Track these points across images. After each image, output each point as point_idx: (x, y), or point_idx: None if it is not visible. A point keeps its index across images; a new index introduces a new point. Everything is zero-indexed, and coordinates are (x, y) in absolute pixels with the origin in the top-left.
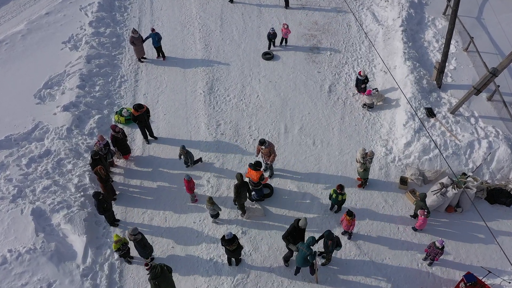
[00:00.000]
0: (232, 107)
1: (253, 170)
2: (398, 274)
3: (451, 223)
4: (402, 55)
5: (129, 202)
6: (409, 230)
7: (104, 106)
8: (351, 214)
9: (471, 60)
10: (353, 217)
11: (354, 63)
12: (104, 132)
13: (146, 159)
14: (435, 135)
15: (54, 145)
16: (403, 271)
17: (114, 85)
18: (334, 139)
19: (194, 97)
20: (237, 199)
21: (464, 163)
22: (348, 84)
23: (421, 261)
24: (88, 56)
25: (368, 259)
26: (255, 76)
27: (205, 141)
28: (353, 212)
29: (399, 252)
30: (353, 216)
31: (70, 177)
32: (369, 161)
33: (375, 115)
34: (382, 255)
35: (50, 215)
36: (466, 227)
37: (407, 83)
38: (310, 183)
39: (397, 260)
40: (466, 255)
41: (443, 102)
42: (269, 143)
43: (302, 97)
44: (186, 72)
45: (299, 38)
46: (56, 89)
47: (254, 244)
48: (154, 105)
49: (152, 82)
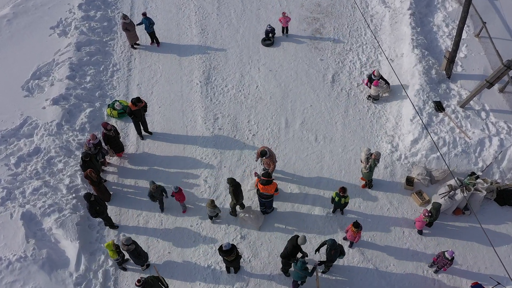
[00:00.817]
0: (230, 99)
1: (266, 184)
2: (402, 282)
3: (458, 226)
4: (410, 42)
5: (123, 203)
6: (415, 234)
7: (95, 99)
8: (358, 226)
9: (482, 47)
10: (359, 229)
11: (358, 49)
12: (96, 127)
13: (141, 156)
14: (443, 131)
15: (44, 142)
16: (408, 279)
17: (106, 75)
18: (337, 134)
19: (190, 88)
20: (237, 202)
21: (474, 162)
22: (353, 73)
23: (426, 268)
24: (78, 43)
25: (372, 266)
26: (254, 64)
27: (202, 136)
28: (360, 224)
29: (404, 258)
30: (360, 228)
31: (61, 177)
32: (374, 162)
33: (381, 107)
34: (386, 261)
35: (41, 219)
36: (474, 231)
37: (415, 74)
38: (312, 183)
39: (402, 267)
40: (474, 261)
41: (452, 94)
42: (270, 153)
43: (304, 87)
44: (181, 60)
45: (300, 22)
46: (45, 80)
47: (253, 250)
48: (149, 97)
49: (146, 71)
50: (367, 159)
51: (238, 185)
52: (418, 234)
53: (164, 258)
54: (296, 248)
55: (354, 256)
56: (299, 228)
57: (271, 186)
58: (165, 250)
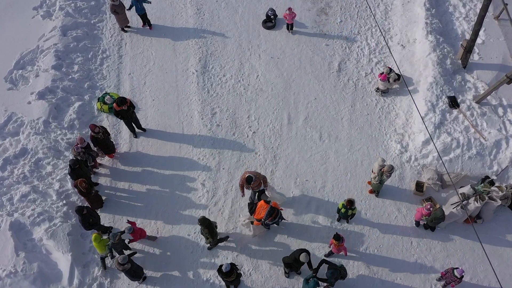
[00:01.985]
0: (229, 91)
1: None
2: None
3: (469, 235)
4: (424, 26)
5: (116, 209)
6: (423, 245)
7: (84, 91)
8: (339, 239)
9: (502, 31)
10: (341, 242)
11: (367, 33)
12: (85, 124)
13: (134, 156)
14: (457, 131)
15: (31, 142)
16: None
17: (95, 63)
18: (343, 132)
19: (185, 78)
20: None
21: (488, 165)
22: (360, 61)
23: (434, 282)
24: (64, 26)
25: (378, 280)
26: (254, 50)
27: (198, 134)
28: (340, 236)
29: (412, 271)
30: (341, 240)
31: (51, 182)
32: (385, 176)
33: (390, 101)
34: (393, 275)
35: (30, 229)
36: (485, 241)
37: (428, 64)
38: (316, 187)
39: (409, 280)
40: (484, 274)
41: (467, 87)
42: (256, 177)
43: (308, 77)
44: (176, 45)
45: (304, 0)
46: (30, 70)
47: (254, 263)
48: (141, 88)
49: (138, 58)
50: (379, 171)
51: (210, 224)
52: (426, 245)
53: (161, 270)
54: (298, 262)
55: (359, 269)
56: (302, 238)
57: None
58: (161, 261)
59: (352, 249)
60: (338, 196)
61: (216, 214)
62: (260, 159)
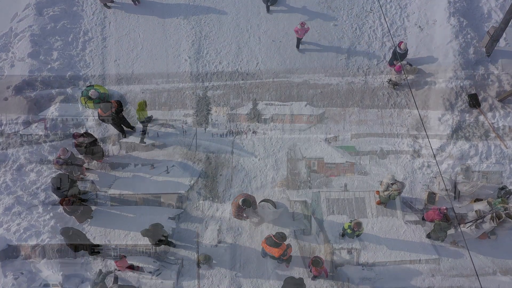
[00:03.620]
0: (226, 82)
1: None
2: None
3: (482, 251)
4: (446, 6)
5: (107, 221)
6: (432, 262)
7: (66, 82)
8: (318, 264)
9: None
10: (320, 266)
11: (380, 10)
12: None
13: (124, 159)
14: (476, 135)
15: (11, 145)
16: None
17: (76, 48)
18: (350, 132)
19: (178, 66)
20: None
21: (507, 175)
22: (372, 45)
23: None
24: (39, 3)
25: None
26: (254, 32)
27: (194, 133)
28: (320, 260)
29: None
30: (321, 264)
31: (35, 191)
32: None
33: (403, 95)
34: None
35: (17, 245)
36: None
37: (449, 53)
38: (320, 198)
39: None
40: None
41: (490, 80)
42: (252, 202)
43: (313, 65)
44: (166, 24)
45: None
46: (4, 59)
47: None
48: (129, 78)
49: (123, 40)
50: (388, 186)
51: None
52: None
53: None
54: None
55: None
56: (304, 255)
57: (276, 250)
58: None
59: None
60: (342, 209)
61: (216, 225)
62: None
